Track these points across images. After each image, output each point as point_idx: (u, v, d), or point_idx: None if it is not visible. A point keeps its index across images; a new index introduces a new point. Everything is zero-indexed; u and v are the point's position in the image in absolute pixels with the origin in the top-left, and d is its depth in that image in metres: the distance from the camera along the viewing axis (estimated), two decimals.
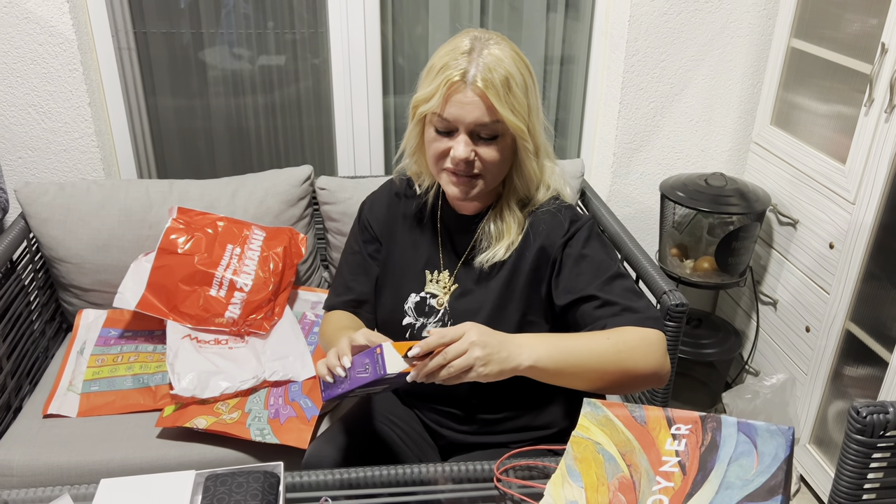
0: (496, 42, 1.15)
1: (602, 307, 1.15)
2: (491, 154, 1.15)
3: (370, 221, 1.36)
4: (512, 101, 1.11)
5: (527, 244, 1.22)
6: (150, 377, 1.61)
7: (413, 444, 1.35)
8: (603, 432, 1.03)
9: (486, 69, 1.10)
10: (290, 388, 1.57)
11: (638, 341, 1.10)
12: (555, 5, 2.17)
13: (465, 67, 1.11)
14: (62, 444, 1.47)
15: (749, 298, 2.25)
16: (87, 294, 1.81)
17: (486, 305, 1.24)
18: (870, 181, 1.70)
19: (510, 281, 1.24)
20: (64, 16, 1.83)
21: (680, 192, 2.01)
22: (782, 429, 0.97)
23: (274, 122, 2.20)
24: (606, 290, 1.16)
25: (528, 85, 1.15)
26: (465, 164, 1.14)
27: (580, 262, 1.19)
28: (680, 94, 2.14)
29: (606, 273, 1.18)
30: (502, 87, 1.11)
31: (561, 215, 1.22)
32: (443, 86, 1.11)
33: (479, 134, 1.14)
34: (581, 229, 1.21)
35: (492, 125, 1.12)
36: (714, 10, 2.04)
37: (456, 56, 1.12)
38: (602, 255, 1.20)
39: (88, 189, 1.80)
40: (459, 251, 1.29)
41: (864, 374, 1.79)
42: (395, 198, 1.35)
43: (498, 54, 1.12)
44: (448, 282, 1.28)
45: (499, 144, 1.15)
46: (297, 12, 2.07)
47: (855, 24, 1.77)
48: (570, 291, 1.18)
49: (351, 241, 1.40)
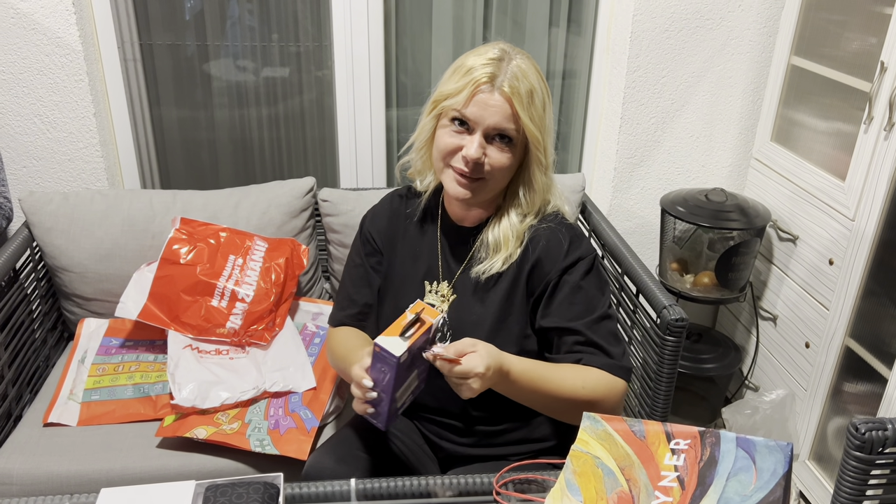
0: (523, 57, 1.20)
1: (582, 344, 1.21)
2: (501, 159, 1.18)
3: (372, 234, 1.37)
4: (532, 112, 1.16)
5: (525, 257, 1.24)
6: (150, 387, 1.61)
7: (413, 455, 1.35)
8: (602, 446, 1.03)
9: (514, 77, 1.15)
10: (291, 398, 1.57)
11: (603, 388, 1.19)
12: (557, 20, 2.19)
13: (493, 72, 1.15)
14: (62, 453, 1.47)
15: (749, 314, 2.26)
16: (89, 303, 1.82)
17: (486, 319, 1.25)
18: (869, 198, 1.71)
19: (510, 294, 1.25)
20: (71, 27, 1.85)
21: (680, 207, 2.02)
22: (781, 444, 0.97)
23: (277, 133, 2.22)
24: (592, 329, 1.21)
25: (546, 102, 1.20)
26: (474, 164, 1.17)
27: (576, 293, 1.22)
28: (681, 109, 2.16)
29: (596, 312, 1.22)
30: (526, 96, 1.15)
31: (562, 234, 1.24)
32: (471, 85, 1.15)
33: (495, 137, 1.17)
34: (584, 260, 1.23)
35: (510, 131, 1.16)
36: (715, 27, 2.06)
37: (485, 61, 1.16)
38: (596, 292, 1.24)
39: (92, 199, 1.81)
40: (458, 261, 1.30)
41: (863, 391, 1.79)
42: (395, 211, 1.37)
43: (524, 67, 1.17)
44: (447, 292, 1.30)
45: (510, 151, 1.18)
46: (301, 25, 2.09)
47: (854, 42, 1.79)
48: (557, 318, 1.22)
49: (353, 254, 1.41)
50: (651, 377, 1.59)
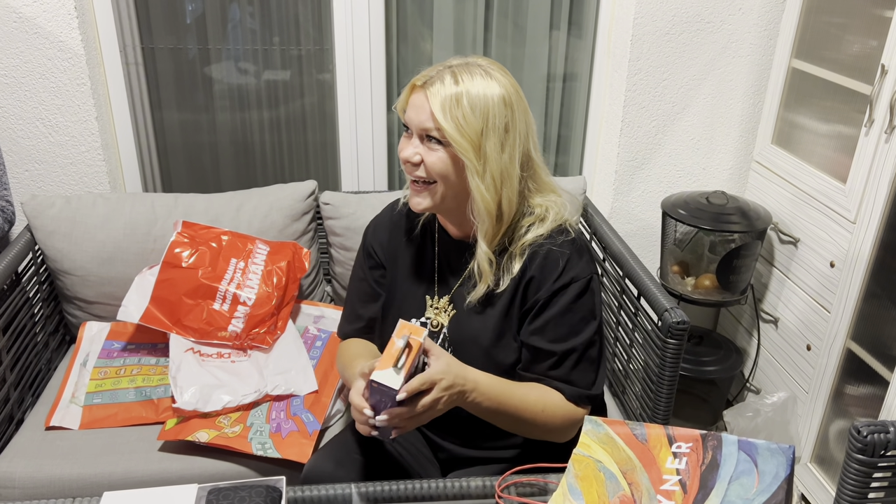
0: (485, 70, 1.16)
1: (555, 368, 1.22)
2: (431, 158, 1.16)
3: (374, 247, 1.38)
4: (457, 115, 1.12)
5: (523, 273, 1.23)
6: (152, 390, 1.62)
7: (413, 458, 1.36)
8: (604, 450, 1.03)
9: (442, 79, 1.13)
10: (292, 402, 1.57)
11: (561, 417, 1.21)
12: (558, 23, 2.19)
13: (428, 75, 1.16)
14: (64, 456, 1.47)
15: (750, 316, 2.26)
16: (90, 306, 1.82)
17: (485, 334, 1.25)
18: (870, 201, 1.71)
19: (508, 309, 1.25)
20: (73, 31, 1.86)
21: (681, 210, 2.02)
22: (783, 447, 0.97)
23: (279, 137, 2.22)
24: (569, 356, 1.22)
25: (489, 108, 1.14)
26: (411, 165, 1.18)
27: (563, 316, 1.22)
28: (681, 112, 2.16)
29: (579, 337, 1.22)
30: (451, 98, 1.12)
31: (560, 252, 1.21)
32: (407, 88, 1.18)
33: (428, 136, 1.16)
34: (577, 283, 1.21)
35: (434, 131, 1.14)
36: (716, 30, 2.07)
37: (437, 66, 1.17)
38: (585, 314, 1.22)
39: (94, 202, 1.81)
40: (456, 275, 1.30)
41: (865, 393, 1.79)
42: (395, 224, 1.37)
43: (471, 76, 1.14)
44: (446, 306, 1.30)
45: (443, 152, 1.15)
46: (302, 29, 2.10)
47: (855, 45, 1.79)
48: (539, 338, 1.22)
49: (357, 267, 1.41)
50: (653, 380, 1.59)
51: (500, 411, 1.18)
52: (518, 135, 1.18)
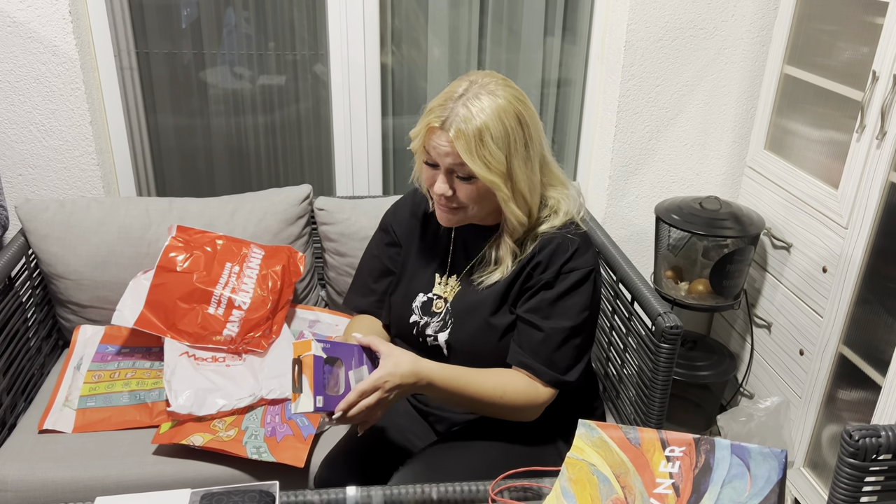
0: (490, 91, 1.19)
1: (538, 344, 1.27)
2: (466, 192, 1.22)
3: (393, 226, 1.45)
4: (484, 154, 1.17)
5: (532, 257, 1.28)
6: (146, 393, 1.61)
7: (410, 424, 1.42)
8: (598, 454, 1.04)
9: (463, 120, 1.16)
10: (287, 406, 1.57)
11: (523, 399, 1.26)
12: (552, 29, 2.20)
13: (447, 115, 1.18)
14: (57, 459, 1.47)
15: (743, 321, 2.27)
16: (84, 310, 1.81)
17: (485, 306, 1.30)
18: (862, 206, 1.72)
19: (509, 286, 1.30)
20: (67, 35, 1.86)
21: (675, 216, 2.03)
22: (775, 452, 0.98)
23: (273, 141, 2.22)
24: (552, 337, 1.26)
25: (509, 135, 1.18)
26: (444, 198, 1.24)
27: (560, 298, 1.27)
28: (675, 118, 2.17)
29: (569, 321, 1.27)
30: (474, 139, 1.16)
31: (571, 243, 1.28)
32: (424, 129, 1.21)
33: (458, 174, 1.21)
34: (579, 270, 1.27)
35: (465, 168, 1.19)
36: (708, 36, 2.08)
37: (445, 101, 1.19)
38: (579, 301, 1.28)
39: (88, 206, 1.81)
40: (470, 257, 1.36)
41: (857, 398, 1.80)
42: (417, 204, 1.43)
43: (482, 105, 1.17)
44: (455, 285, 1.35)
45: (475, 184, 1.21)
46: (297, 34, 2.10)
47: (846, 52, 1.81)
48: (533, 313, 1.28)
49: (373, 244, 1.49)
50: (646, 384, 1.59)
51: (455, 399, 1.25)
52: (535, 145, 1.24)
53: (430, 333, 1.35)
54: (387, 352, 1.18)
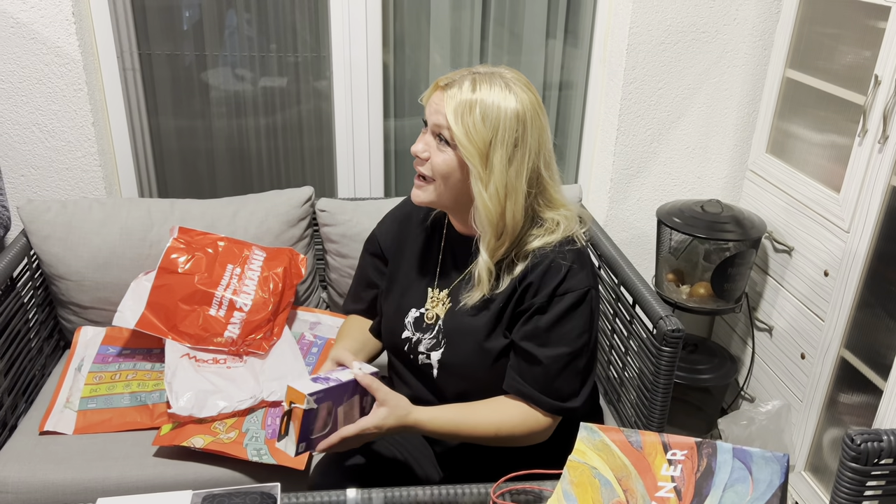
0: (505, 82, 1.17)
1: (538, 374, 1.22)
2: (437, 160, 1.19)
3: (378, 239, 1.44)
4: (468, 122, 1.14)
5: (523, 278, 1.23)
6: (147, 395, 1.61)
7: (410, 455, 1.39)
8: (599, 457, 1.03)
9: (462, 84, 1.16)
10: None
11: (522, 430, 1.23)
12: (554, 32, 2.20)
13: (455, 79, 1.17)
14: (58, 461, 1.47)
15: (745, 324, 2.26)
16: (86, 311, 1.81)
17: (478, 330, 1.26)
18: (863, 210, 1.72)
19: (502, 310, 1.26)
20: (70, 37, 1.86)
21: (676, 219, 2.03)
22: (777, 456, 0.98)
23: (275, 143, 2.22)
24: (553, 363, 1.22)
25: (500, 122, 1.15)
26: (418, 159, 1.21)
27: (556, 323, 1.22)
28: (677, 121, 2.17)
29: (567, 346, 1.22)
30: (465, 103, 1.14)
31: (564, 262, 1.22)
32: (432, 87, 1.20)
33: (440, 136, 1.18)
34: (574, 293, 1.22)
35: (445, 131, 1.17)
36: (710, 40, 2.08)
37: (463, 70, 1.20)
38: (576, 325, 1.23)
39: (90, 207, 1.81)
40: (458, 269, 1.32)
41: (858, 402, 1.80)
42: (408, 215, 1.42)
43: (490, 85, 1.16)
44: (444, 298, 1.32)
45: (450, 153, 1.18)
46: (300, 35, 2.10)
47: (848, 55, 1.81)
48: (529, 341, 1.23)
49: (363, 252, 1.49)
50: (647, 388, 1.59)
51: (449, 436, 1.24)
52: (528, 151, 1.18)
53: (423, 351, 1.31)
54: (381, 399, 1.16)
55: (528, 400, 1.23)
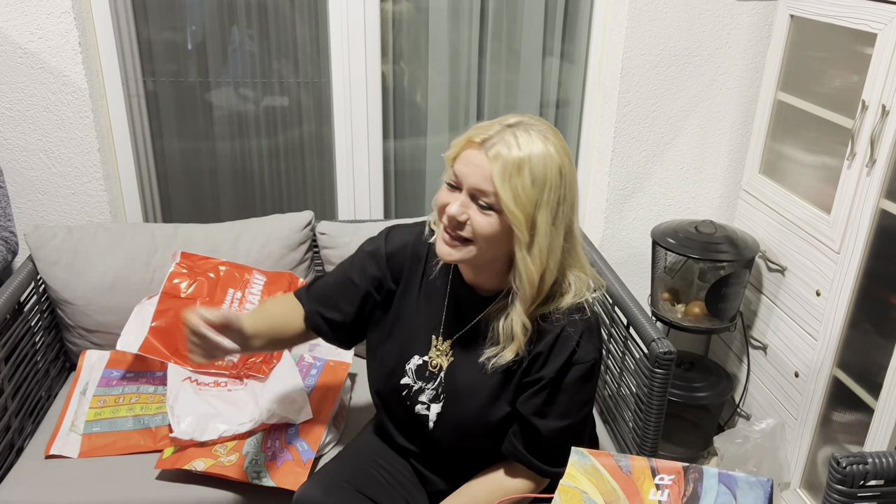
0: (542, 133, 1.12)
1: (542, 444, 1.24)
2: (482, 222, 1.12)
3: (385, 257, 1.33)
4: (517, 184, 1.08)
5: (532, 346, 1.22)
6: (150, 418, 1.64)
7: (401, 487, 1.39)
8: (590, 481, 1.06)
9: (507, 144, 1.09)
10: (287, 430, 1.60)
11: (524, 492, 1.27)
12: (551, 49, 2.24)
13: (489, 134, 1.11)
14: (63, 485, 1.50)
15: (740, 342, 2.29)
16: (91, 335, 1.85)
17: (481, 394, 1.26)
18: (853, 232, 1.75)
19: (508, 375, 1.25)
20: (77, 66, 1.91)
21: (671, 239, 2.06)
22: (761, 480, 1.01)
23: (277, 165, 2.26)
24: (556, 436, 1.23)
25: (548, 182, 1.11)
26: (455, 222, 1.13)
27: (562, 395, 1.22)
28: (671, 143, 2.21)
29: (571, 420, 1.24)
30: (513, 165, 1.08)
31: (573, 334, 1.20)
32: (464, 141, 1.13)
33: (479, 201, 1.12)
34: (581, 365, 1.21)
35: (490, 196, 1.10)
36: (703, 63, 2.12)
37: (495, 124, 1.12)
38: (581, 397, 1.24)
39: (95, 232, 1.85)
40: (462, 324, 1.29)
41: (851, 420, 1.82)
42: (418, 251, 1.33)
43: (531, 139, 1.10)
44: (447, 350, 1.30)
45: (494, 217, 1.11)
46: (300, 59, 2.15)
47: (837, 80, 1.84)
48: (535, 415, 1.24)
49: (356, 264, 1.35)
50: (642, 408, 1.62)
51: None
52: (567, 208, 1.15)
53: (424, 401, 1.30)
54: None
55: (529, 466, 1.26)
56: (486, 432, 1.27)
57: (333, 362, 1.80)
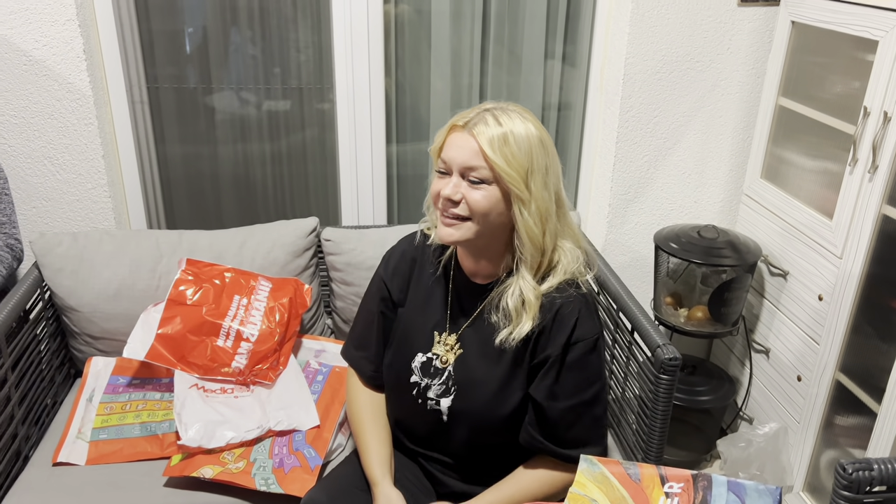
0: (519, 113, 1.22)
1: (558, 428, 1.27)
2: (476, 197, 1.19)
3: (386, 280, 1.43)
4: (506, 152, 1.17)
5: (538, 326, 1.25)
6: (157, 425, 1.65)
7: (409, 494, 1.39)
8: (599, 489, 1.07)
9: (487, 123, 1.18)
10: (295, 437, 1.61)
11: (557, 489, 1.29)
12: (552, 52, 2.25)
13: (469, 117, 1.20)
14: (71, 492, 1.50)
15: (742, 346, 2.30)
16: (97, 342, 1.85)
17: (492, 381, 1.28)
18: (855, 236, 1.76)
19: (517, 359, 1.28)
20: (81, 73, 1.91)
21: (673, 244, 2.07)
22: (770, 489, 1.02)
23: (280, 171, 2.27)
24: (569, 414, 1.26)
25: (532, 150, 1.20)
26: (451, 203, 1.20)
27: (570, 371, 1.25)
28: (673, 148, 2.22)
29: (582, 395, 1.26)
30: (498, 138, 1.17)
31: (573, 307, 1.24)
32: (447, 129, 1.22)
33: (470, 178, 1.19)
34: (585, 341, 1.25)
35: (480, 170, 1.18)
36: (705, 68, 2.13)
37: (473, 110, 1.22)
38: (591, 373, 1.27)
39: (101, 239, 1.85)
40: (466, 316, 1.33)
41: (854, 424, 1.83)
42: (413, 256, 1.41)
43: (510, 118, 1.19)
44: (453, 344, 1.33)
45: (487, 190, 1.19)
46: (303, 64, 2.15)
47: (838, 86, 1.85)
48: (546, 395, 1.26)
49: (369, 297, 1.47)
50: (647, 413, 1.63)
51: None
52: (552, 175, 1.24)
53: (432, 397, 1.33)
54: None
55: (553, 455, 1.27)
56: (501, 422, 1.29)
57: (339, 368, 1.81)
